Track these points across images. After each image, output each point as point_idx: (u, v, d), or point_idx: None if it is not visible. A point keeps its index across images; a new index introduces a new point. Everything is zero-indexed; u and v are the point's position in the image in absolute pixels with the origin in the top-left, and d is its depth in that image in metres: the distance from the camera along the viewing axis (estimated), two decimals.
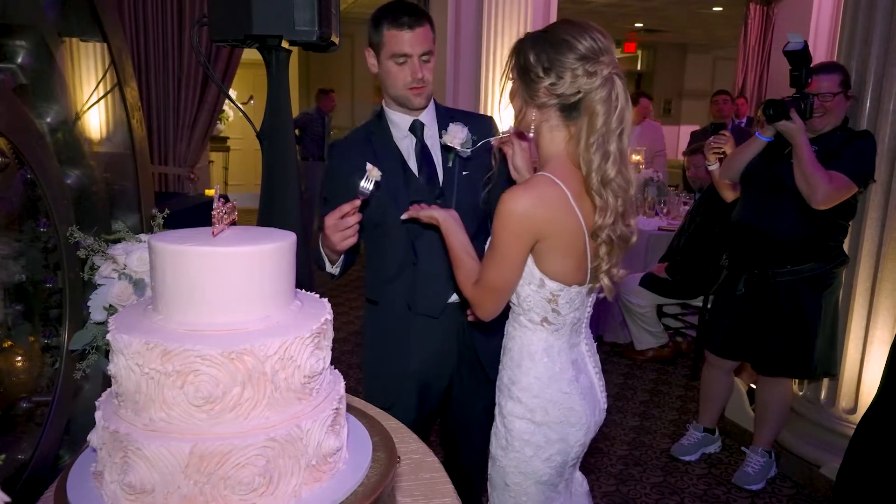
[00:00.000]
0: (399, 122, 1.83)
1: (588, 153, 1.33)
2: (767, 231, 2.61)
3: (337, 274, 1.78)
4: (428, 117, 1.84)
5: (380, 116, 1.86)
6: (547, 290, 1.41)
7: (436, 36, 1.79)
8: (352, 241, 1.59)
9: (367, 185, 1.52)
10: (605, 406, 1.58)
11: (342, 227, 1.56)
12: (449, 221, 1.56)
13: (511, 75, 1.43)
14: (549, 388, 1.45)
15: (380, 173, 1.54)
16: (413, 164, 1.81)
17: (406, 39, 1.71)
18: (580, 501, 1.63)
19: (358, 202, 1.55)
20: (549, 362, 1.46)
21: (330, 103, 7.67)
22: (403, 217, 1.65)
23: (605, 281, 1.43)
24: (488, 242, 1.45)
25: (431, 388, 1.87)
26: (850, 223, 2.64)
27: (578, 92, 1.33)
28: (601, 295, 1.49)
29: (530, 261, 1.41)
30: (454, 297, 1.82)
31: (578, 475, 1.64)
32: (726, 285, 2.85)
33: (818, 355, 2.66)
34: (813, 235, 2.56)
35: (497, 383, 1.57)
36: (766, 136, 2.61)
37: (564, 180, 1.36)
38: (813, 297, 2.61)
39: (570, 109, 1.36)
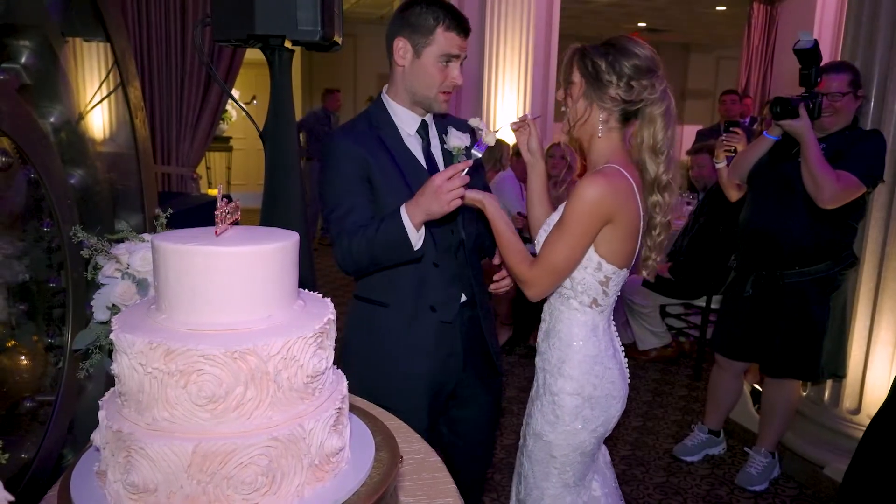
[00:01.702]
0: (408, 120, 1.78)
1: (656, 159, 1.54)
2: (775, 232, 2.59)
3: (418, 249, 1.62)
4: (429, 119, 1.82)
5: (382, 110, 1.78)
6: (602, 273, 1.57)
7: None
8: (458, 202, 1.54)
9: (479, 149, 1.61)
10: (629, 379, 1.71)
11: (452, 186, 1.51)
12: (494, 204, 1.65)
13: (573, 80, 1.56)
14: (597, 365, 1.60)
15: (494, 140, 1.63)
16: (423, 163, 1.78)
17: (459, 42, 1.70)
18: (602, 469, 1.77)
19: (470, 163, 1.57)
20: (597, 341, 1.61)
21: (335, 103, 7.70)
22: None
23: (649, 263, 1.65)
24: (551, 228, 1.58)
25: (441, 391, 1.87)
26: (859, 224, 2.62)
27: (641, 101, 1.52)
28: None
29: (590, 246, 1.55)
30: (462, 297, 1.83)
31: (603, 447, 1.78)
32: (734, 286, 2.83)
33: (825, 357, 2.64)
34: (822, 237, 2.53)
35: (541, 364, 1.67)
36: (773, 135, 2.59)
37: (629, 173, 1.53)
38: (821, 298, 2.59)
39: (630, 115, 1.55)
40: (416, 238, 1.60)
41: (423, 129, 1.80)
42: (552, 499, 1.65)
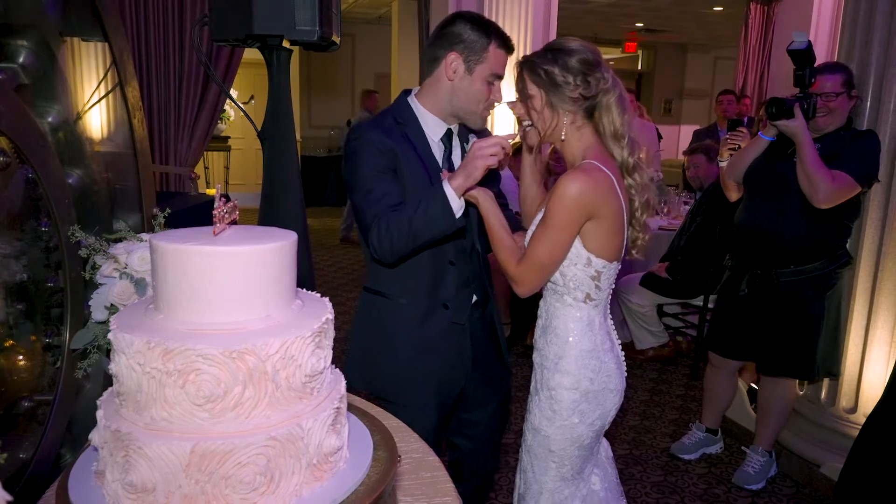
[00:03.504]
0: (434, 126, 1.78)
1: (619, 143, 1.58)
2: (771, 231, 2.60)
3: (459, 218, 1.60)
4: (454, 128, 1.83)
5: (408, 110, 1.78)
6: (592, 267, 1.59)
7: None
8: (491, 161, 1.53)
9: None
10: (626, 373, 1.73)
11: (487, 144, 1.53)
12: (488, 201, 1.66)
13: (531, 93, 1.59)
14: (593, 360, 1.62)
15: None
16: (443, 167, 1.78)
17: (505, 61, 1.73)
18: (604, 464, 1.79)
19: (513, 134, 1.64)
20: (592, 335, 1.63)
21: (373, 103, 8.12)
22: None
23: (638, 243, 1.67)
24: (536, 225, 1.59)
25: (451, 392, 1.87)
26: (854, 224, 2.63)
27: (598, 94, 1.56)
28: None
29: (577, 242, 1.57)
30: (474, 298, 1.85)
31: (604, 441, 1.81)
32: (729, 286, 2.84)
33: (820, 356, 2.65)
34: (817, 236, 2.55)
35: (538, 361, 1.68)
36: (768, 136, 2.60)
37: (607, 167, 1.56)
38: (816, 297, 2.60)
39: (591, 110, 1.58)
40: (458, 204, 1.58)
41: (446, 138, 1.80)
42: (550, 493, 1.67)
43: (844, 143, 2.51)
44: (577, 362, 1.61)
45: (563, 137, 1.59)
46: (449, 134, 1.81)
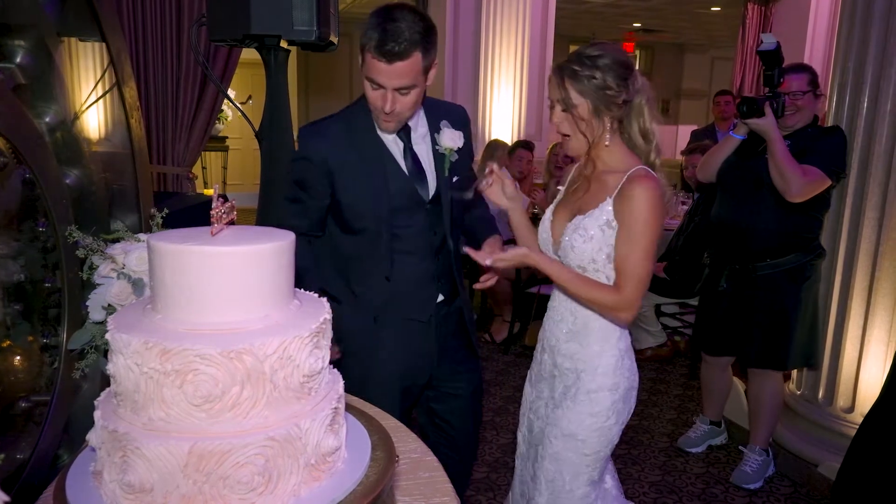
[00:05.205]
0: None
1: (650, 144, 1.59)
2: (746, 226, 2.68)
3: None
4: (415, 120, 1.74)
5: (362, 110, 1.71)
6: None
7: (434, 57, 1.63)
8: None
9: None
10: None
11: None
12: (545, 259, 1.59)
13: (575, 102, 1.53)
14: (627, 359, 1.65)
15: None
16: (404, 167, 1.73)
17: (382, 71, 1.55)
18: (607, 466, 1.79)
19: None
20: (625, 336, 1.66)
21: None
22: (487, 263, 1.55)
23: None
24: (615, 240, 1.53)
25: (412, 387, 1.86)
26: (825, 216, 2.71)
27: (632, 98, 1.56)
28: None
29: None
30: (440, 297, 1.81)
31: None
32: (709, 282, 2.91)
33: (796, 346, 2.71)
34: (790, 229, 2.62)
35: (569, 365, 1.65)
36: (739, 134, 2.69)
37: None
38: (793, 289, 2.67)
39: (625, 114, 1.58)
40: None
41: (404, 133, 1.73)
42: (580, 499, 1.64)
43: (812, 140, 2.60)
44: (617, 363, 1.62)
45: (607, 143, 1.57)
46: (407, 129, 1.73)
